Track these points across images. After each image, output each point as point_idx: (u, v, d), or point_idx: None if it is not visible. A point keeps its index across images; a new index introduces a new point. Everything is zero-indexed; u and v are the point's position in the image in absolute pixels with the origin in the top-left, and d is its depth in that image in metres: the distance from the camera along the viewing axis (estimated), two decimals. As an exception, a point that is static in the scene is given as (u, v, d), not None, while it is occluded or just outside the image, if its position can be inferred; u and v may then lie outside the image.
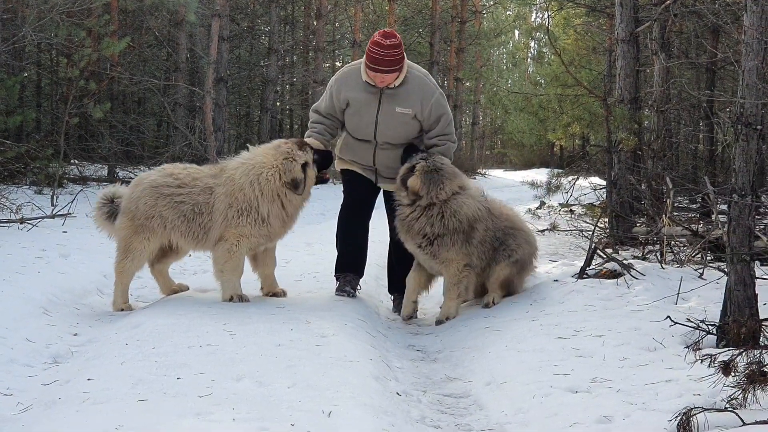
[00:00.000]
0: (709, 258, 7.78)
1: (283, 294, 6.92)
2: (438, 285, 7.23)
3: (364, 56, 6.84)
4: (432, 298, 7.52)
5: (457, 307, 6.85)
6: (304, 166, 6.63)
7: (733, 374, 4.06)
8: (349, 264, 7.19)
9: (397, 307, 7.25)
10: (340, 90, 6.98)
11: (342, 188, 7.35)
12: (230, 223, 6.52)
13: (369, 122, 6.94)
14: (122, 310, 6.65)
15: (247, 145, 7.06)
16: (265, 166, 6.57)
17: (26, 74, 16.29)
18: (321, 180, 6.88)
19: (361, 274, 7.25)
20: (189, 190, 6.61)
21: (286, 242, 7.49)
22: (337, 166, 7.26)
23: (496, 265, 6.88)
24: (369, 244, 7.29)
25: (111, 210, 6.83)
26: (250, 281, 6.93)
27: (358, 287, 7.20)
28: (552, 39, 12.77)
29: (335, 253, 7.31)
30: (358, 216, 7.21)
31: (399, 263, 7.20)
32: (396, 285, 7.33)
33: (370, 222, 7.31)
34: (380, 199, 7.33)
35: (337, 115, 7.08)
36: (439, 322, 6.76)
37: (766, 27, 4.88)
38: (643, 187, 10.05)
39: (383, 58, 6.68)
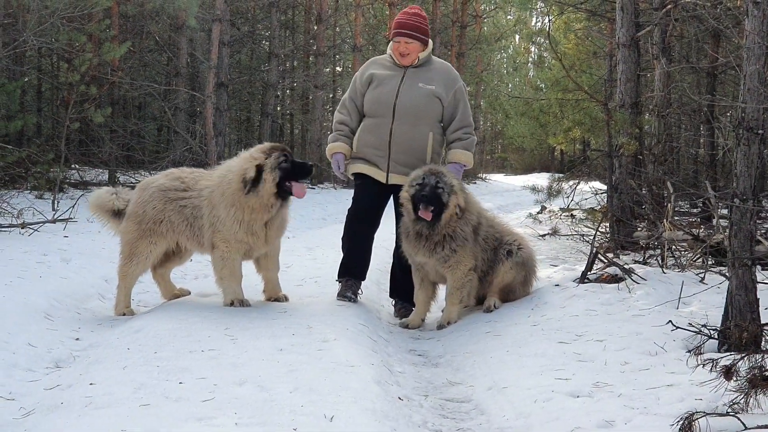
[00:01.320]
0: (710, 262, 7.78)
1: (285, 299, 6.91)
2: (441, 290, 7.22)
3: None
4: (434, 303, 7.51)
5: (458, 312, 6.85)
6: (260, 167, 6.44)
7: (735, 379, 4.06)
8: (353, 269, 7.18)
9: (398, 312, 7.25)
10: (366, 71, 7.14)
11: (351, 194, 7.36)
12: (215, 228, 6.54)
13: (390, 93, 6.96)
14: (124, 314, 6.64)
15: (238, 152, 7.06)
16: (231, 169, 6.56)
17: (27, 79, 16.30)
18: (285, 191, 6.51)
19: (363, 278, 7.26)
20: (190, 193, 6.64)
21: (287, 247, 7.51)
22: (351, 170, 7.17)
23: (500, 266, 6.90)
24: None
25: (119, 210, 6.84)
26: (251, 285, 6.93)
27: (360, 292, 7.20)
28: (553, 43, 12.80)
29: (337, 258, 7.31)
30: (365, 223, 7.17)
31: (403, 271, 7.19)
32: (398, 291, 7.33)
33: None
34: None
35: (359, 103, 7.11)
36: (440, 327, 6.76)
37: (767, 32, 4.89)
38: (644, 192, 10.05)
39: (408, 22, 6.97)
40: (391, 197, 7.13)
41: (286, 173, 6.49)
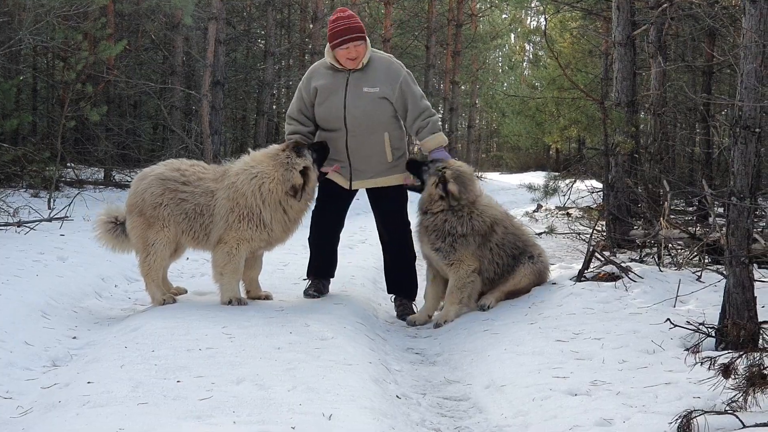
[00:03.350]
0: (707, 260, 7.79)
1: (267, 298, 6.94)
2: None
3: (328, 39, 6.85)
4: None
5: (456, 313, 6.82)
6: (305, 170, 6.65)
7: (732, 377, 4.07)
8: (319, 269, 7.31)
9: (398, 308, 7.25)
10: (309, 82, 7.01)
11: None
12: (231, 226, 6.54)
13: (338, 106, 6.88)
14: (165, 302, 6.58)
15: (249, 149, 7.06)
16: (266, 176, 6.60)
17: (22, 77, 16.22)
18: (322, 176, 6.93)
19: (332, 276, 7.38)
20: (192, 189, 6.62)
21: (284, 245, 7.46)
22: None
23: (519, 267, 6.92)
24: (366, 248, 7.32)
25: (122, 228, 6.82)
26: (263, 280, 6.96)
27: (326, 290, 7.29)
28: (549, 42, 12.78)
29: (341, 257, 7.39)
30: (330, 224, 7.26)
31: (393, 263, 7.24)
32: (394, 286, 7.34)
33: (368, 225, 7.32)
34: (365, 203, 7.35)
35: (308, 113, 7.03)
36: (437, 326, 6.76)
37: (765, 30, 4.90)
38: (640, 190, 10.06)
39: (349, 26, 6.77)
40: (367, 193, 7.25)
41: (320, 162, 6.83)
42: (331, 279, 7.38)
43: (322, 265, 7.30)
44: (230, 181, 6.63)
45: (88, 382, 4.51)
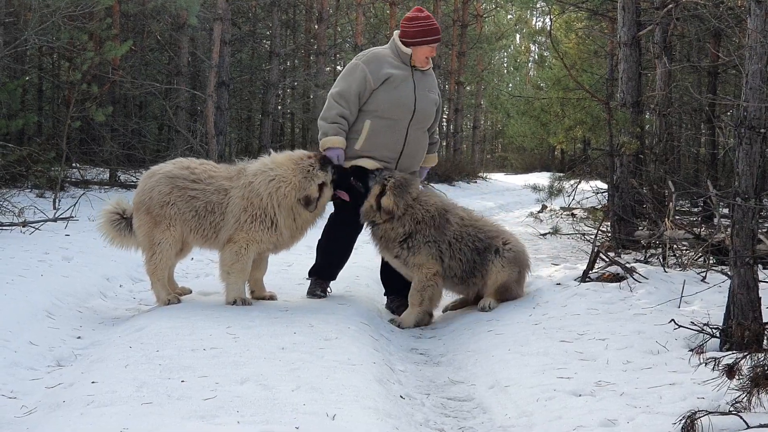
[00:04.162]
0: (711, 261, 7.79)
1: (271, 298, 6.94)
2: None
3: (410, 35, 6.93)
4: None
5: (416, 317, 6.77)
6: (321, 185, 6.66)
7: (737, 377, 4.06)
8: (328, 272, 7.24)
9: (390, 304, 7.27)
10: (380, 67, 6.91)
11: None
12: (242, 226, 6.53)
13: (410, 96, 6.94)
14: (169, 302, 6.58)
15: (270, 149, 7.05)
16: (284, 180, 6.59)
17: (28, 78, 16.27)
18: (336, 199, 6.87)
19: (334, 279, 7.33)
20: (204, 187, 6.61)
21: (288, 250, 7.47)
22: (349, 164, 6.98)
23: (490, 266, 6.80)
24: (371, 248, 7.28)
25: (126, 223, 6.80)
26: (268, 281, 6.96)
27: (329, 290, 7.26)
28: (554, 43, 12.76)
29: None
30: (352, 226, 7.11)
31: (387, 264, 7.20)
32: (390, 287, 7.36)
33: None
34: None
35: (364, 98, 6.92)
36: (391, 321, 6.82)
37: (770, 30, 4.89)
38: (645, 191, 10.05)
39: (434, 27, 6.99)
40: None
41: (337, 185, 6.79)
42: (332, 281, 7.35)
43: (333, 269, 7.25)
44: (247, 180, 6.61)
45: (93, 382, 4.52)
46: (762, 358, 4.07)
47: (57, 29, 13.37)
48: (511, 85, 43.41)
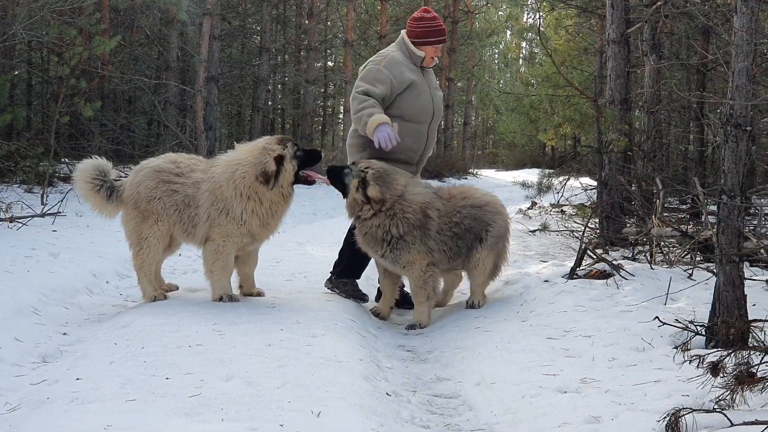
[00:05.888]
0: (698, 259, 7.80)
1: (259, 295, 6.89)
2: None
3: (419, 35, 6.99)
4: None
5: (428, 312, 6.73)
6: (279, 159, 6.49)
7: (721, 375, 4.08)
8: (358, 271, 7.22)
9: (343, 290, 7.21)
10: (403, 73, 6.92)
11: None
12: (213, 222, 6.48)
13: (428, 100, 7.08)
14: (155, 299, 6.57)
15: (234, 142, 7.00)
16: (241, 162, 6.51)
17: (17, 72, 16.23)
18: (303, 180, 6.64)
19: (359, 278, 7.31)
20: (184, 180, 6.58)
21: (276, 242, 7.47)
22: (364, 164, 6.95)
23: (475, 253, 6.73)
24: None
25: (109, 188, 6.74)
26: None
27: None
28: (543, 40, 12.79)
29: (328, 253, 7.29)
30: None
31: (351, 249, 7.15)
32: (345, 270, 7.28)
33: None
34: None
35: (386, 101, 6.88)
36: (410, 327, 6.67)
37: (756, 29, 4.90)
38: (633, 188, 10.07)
39: (442, 27, 7.07)
40: None
41: (302, 162, 6.61)
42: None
43: (361, 268, 7.23)
44: (212, 172, 6.58)
45: (77, 379, 4.50)
46: (746, 356, 4.08)
47: (46, 24, 13.34)
48: (501, 81, 43.46)
